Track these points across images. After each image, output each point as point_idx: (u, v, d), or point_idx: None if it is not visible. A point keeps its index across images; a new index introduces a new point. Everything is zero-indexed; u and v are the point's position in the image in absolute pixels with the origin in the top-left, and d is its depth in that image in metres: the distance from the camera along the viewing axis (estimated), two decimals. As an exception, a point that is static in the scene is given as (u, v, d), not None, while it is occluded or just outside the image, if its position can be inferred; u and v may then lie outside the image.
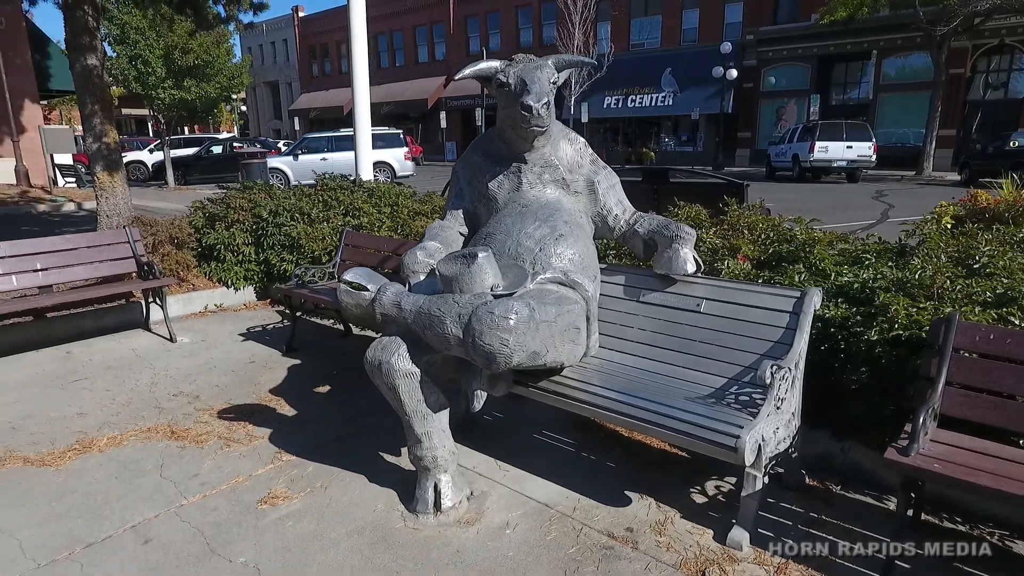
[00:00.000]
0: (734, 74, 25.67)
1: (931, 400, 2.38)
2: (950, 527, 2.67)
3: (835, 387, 3.06)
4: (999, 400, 2.40)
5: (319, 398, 4.13)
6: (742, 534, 2.55)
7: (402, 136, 21.28)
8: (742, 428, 2.40)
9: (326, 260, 5.65)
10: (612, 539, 2.62)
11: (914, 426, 2.24)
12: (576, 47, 27.42)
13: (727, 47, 25.87)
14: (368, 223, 6.09)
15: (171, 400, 4.09)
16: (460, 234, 3.42)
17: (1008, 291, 2.88)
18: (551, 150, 3.23)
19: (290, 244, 6.10)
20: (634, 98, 30.24)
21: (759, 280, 3.50)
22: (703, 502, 2.90)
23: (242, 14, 8.11)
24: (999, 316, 2.76)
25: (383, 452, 3.35)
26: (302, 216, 6.25)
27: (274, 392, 4.19)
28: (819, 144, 19.46)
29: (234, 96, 25.66)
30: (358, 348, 2.66)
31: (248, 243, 6.26)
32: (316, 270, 5.12)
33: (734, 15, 27.94)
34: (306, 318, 5.50)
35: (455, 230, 3.41)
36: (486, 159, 3.37)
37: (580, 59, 3.27)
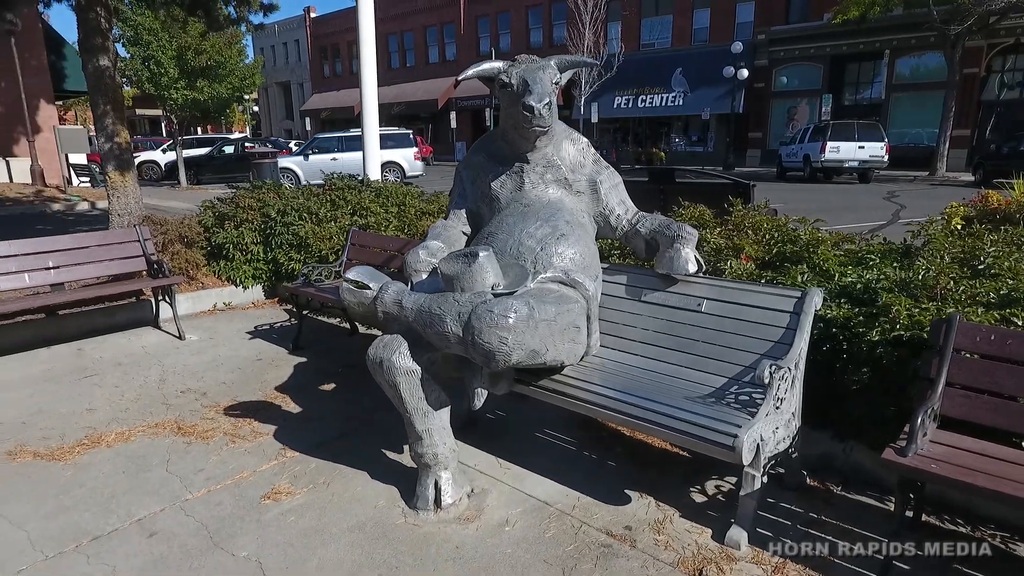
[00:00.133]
0: (745, 74, 25.53)
1: (930, 401, 2.37)
2: (951, 529, 2.65)
3: (837, 387, 3.05)
4: (1000, 401, 2.39)
5: (324, 396, 4.17)
6: (740, 533, 2.56)
7: (412, 136, 21.38)
8: (740, 427, 2.40)
9: (333, 259, 5.69)
10: (611, 537, 2.63)
11: (912, 426, 2.24)
12: (586, 47, 27.38)
13: (738, 47, 25.74)
14: (375, 223, 6.14)
15: (179, 397, 4.15)
16: (463, 233, 3.45)
17: (1012, 292, 2.86)
18: (553, 150, 3.25)
19: (298, 243, 6.16)
20: (644, 98, 30.15)
21: (762, 280, 3.50)
22: (703, 501, 2.90)
23: (252, 15, 8.20)
24: (1002, 317, 2.74)
25: (386, 449, 3.38)
26: (310, 215, 6.30)
27: (280, 389, 4.24)
28: (830, 144, 19.31)
29: (246, 97, 25.90)
30: (364, 346, 2.68)
31: (256, 242, 6.32)
32: (323, 269, 5.17)
33: (745, 15, 27.79)
34: (313, 316, 5.55)
35: (458, 229, 3.43)
36: (489, 159, 3.39)
37: (582, 59, 3.28)
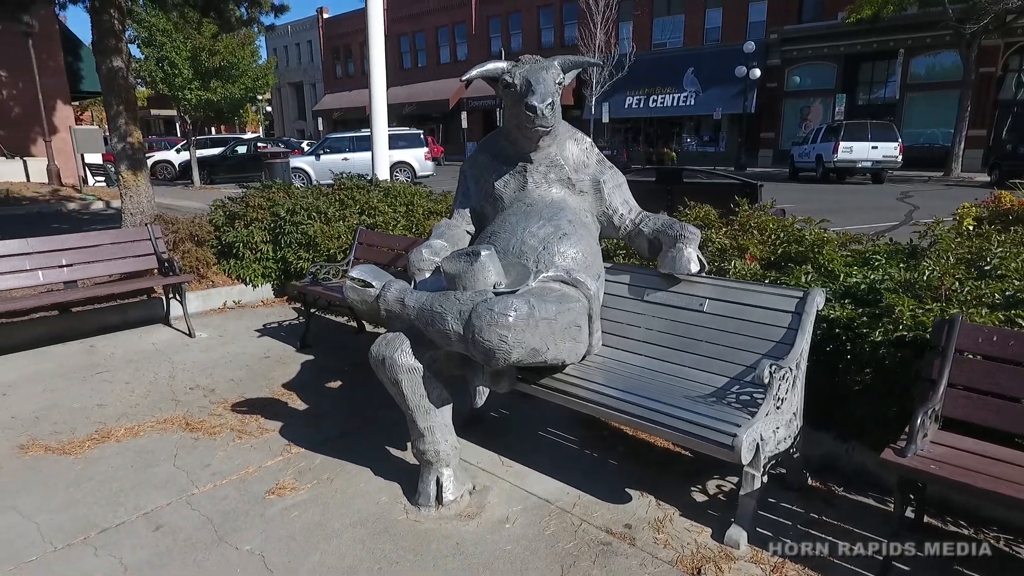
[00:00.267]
0: (757, 73, 25.40)
1: (932, 401, 2.36)
2: (954, 531, 2.64)
3: (840, 388, 3.04)
4: (1002, 403, 2.38)
5: (330, 393, 4.21)
6: (740, 533, 2.56)
7: (422, 136, 21.46)
8: (739, 427, 2.41)
9: (341, 258, 5.74)
10: (610, 535, 2.65)
11: (912, 427, 2.23)
12: (597, 47, 27.35)
13: (750, 46, 25.60)
14: (383, 222, 6.18)
15: (187, 393, 4.20)
16: (467, 232, 3.47)
17: (1018, 293, 2.84)
18: (557, 150, 3.27)
19: (307, 242, 6.21)
20: (655, 98, 30.07)
21: (766, 280, 3.49)
22: (703, 501, 2.91)
23: (263, 16, 8.28)
24: (1007, 318, 2.72)
25: (389, 446, 3.42)
26: (319, 215, 6.36)
27: (287, 387, 4.29)
28: (843, 144, 19.16)
29: (259, 97, 26.11)
30: (370, 345, 2.72)
31: (266, 241, 6.39)
32: (330, 268, 5.21)
33: (758, 14, 27.62)
34: (320, 315, 5.59)
35: (462, 229, 3.46)
36: (493, 159, 3.42)
37: (586, 59, 3.30)
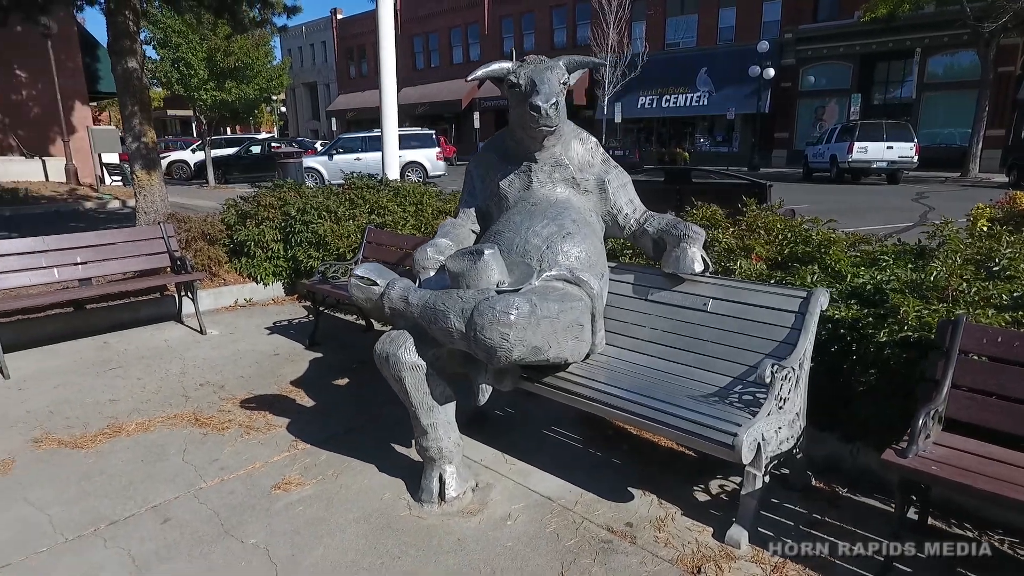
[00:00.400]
0: (771, 73, 25.21)
1: (935, 402, 2.35)
2: (959, 533, 2.62)
3: (845, 389, 3.03)
4: (1007, 404, 2.36)
5: (337, 390, 4.25)
6: (741, 532, 2.56)
7: (434, 136, 21.54)
8: (740, 426, 2.41)
9: (351, 257, 5.79)
10: (611, 533, 2.66)
11: (913, 427, 2.22)
12: (610, 47, 27.30)
13: (764, 46, 25.42)
14: (392, 221, 6.22)
15: (197, 389, 4.26)
16: (472, 231, 3.50)
17: (1025, 294, 2.82)
18: (562, 149, 3.28)
19: (317, 241, 6.27)
20: (668, 98, 29.95)
21: (771, 280, 3.48)
22: (706, 500, 2.91)
23: (276, 17, 8.36)
24: (1014, 319, 2.70)
25: (394, 443, 3.45)
26: (329, 214, 6.41)
27: (295, 384, 4.33)
28: (858, 144, 18.97)
29: (274, 97, 26.31)
30: (377, 343, 2.80)
31: (277, 240, 6.45)
32: (339, 266, 5.26)
33: (772, 13, 27.43)
34: (329, 313, 5.64)
35: (467, 227, 3.48)
36: (498, 158, 3.44)
37: (591, 60, 3.30)
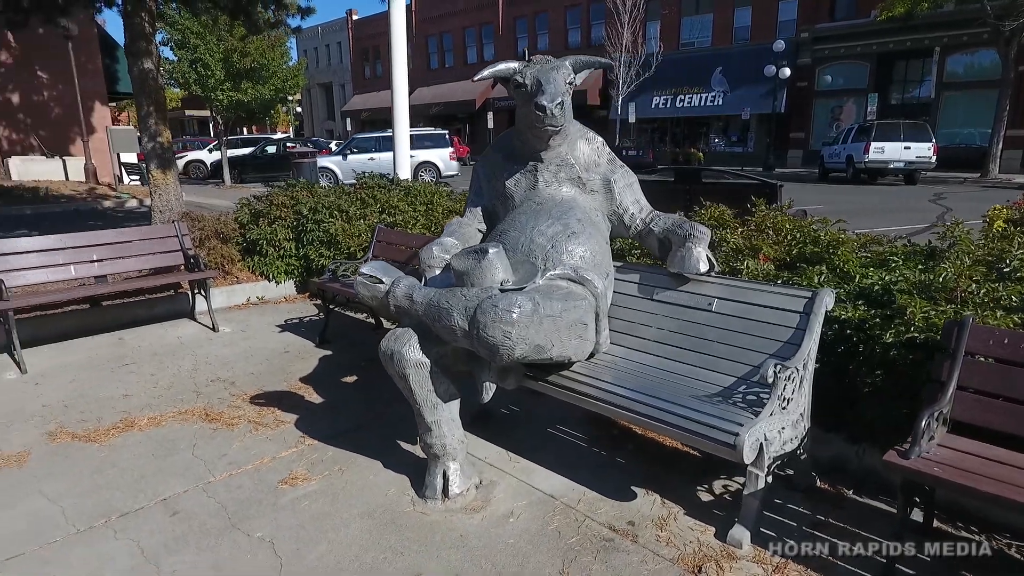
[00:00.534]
0: (787, 73, 24.99)
1: (939, 403, 2.34)
2: (965, 536, 2.60)
3: (851, 390, 3.01)
4: (1014, 406, 2.33)
5: (346, 388, 4.29)
6: (743, 532, 2.55)
7: (448, 137, 21.61)
8: (742, 426, 2.41)
9: (361, 256, 5.83)
10: (613, 531, 2.66)
11: (916, 429, 2.21)
12: (624, 47, 27.24)
13: (780, 45, 25.20)
14: (403, 221, 6.26)
15: (209, 385, 4.33)
16: (478, 231, 3.52)
17: (1035, 295, 2.78)
18: (568, 149, 3.29)
19: (328, 240, 6.32)
20: (683, 98, 29.81)
21: (778, 281, 3.47)
22: (709, 500, 2.90)
23: (289, 18, 8.45)
24: (1023, 321, 2.67)
25: (400, 440, 3.48)
26: (340, 213, 6.46)
27: (304, 381, 4.38)
28: (875, 145, 18.75)
29: (290, 98, 26.54)
30: (386, 341, 2.84)
31: (289, 239, 6.52)
32: (349, 265, 5.30)
33: (788, 13, 27.20)
34: (340, 311, 5.69)
35: (473, 227, 3.50)
36: (505, 158, 3.46)
37: (597, 60, 3.31)
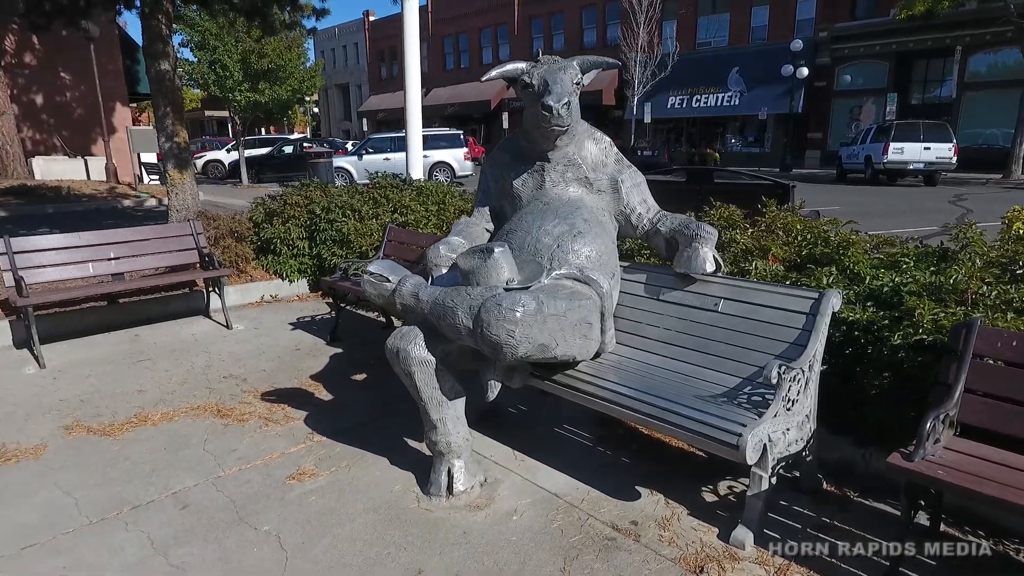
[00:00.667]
0: (805, 72, 24.73)
1: (945, 406, 2.31)
2: (971, 540, 2.57)
3: (858, 392, 2.99)
4: (1021, 410, 2.31)
5: (355, 385, 4.34)
6: (746, 533, 2.55)
7: (462, 137, 21.68)
8: (745, 427, 2.40)
9: (373, 255, 5.88)
10: (615, 531, 2.67)
11: (920, 431, 2.19)
12: (640, 47, 27.13)
13: (798, 45, 24.95)
14: (414, 220, 6.30)
15: (221, 382, 4.39)
16: (486, 230, 3.54)
17: (1048, 298, 2.74)
18: (575, 149, 3.30)
19: (340, 239, 6.38)
20: (699, 98, 29.60)
21: (787, 282, 3.45)
22: (713, 501, 2.90)
23: (304, 20, 8.54)
24: (1034, 323, 2.64)
25: (407, 437, 3.51)
26: (353, 213, 6.52)
27: (314, 378, 4.43)
28: (894, 145, 18.52)
29: (307, 98, 26.80)
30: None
31: (302, 238, 6.59)
32: (360, 264, 5.35)
33: (806, 12, 26.91)
34: (351, 309, 5.75)
35: (481, 226, 3.52)
36: (513, 158, 3.47)
37: (605, 60, 3.31)
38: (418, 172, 7.81)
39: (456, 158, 20.36)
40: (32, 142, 16.97)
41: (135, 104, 24.43)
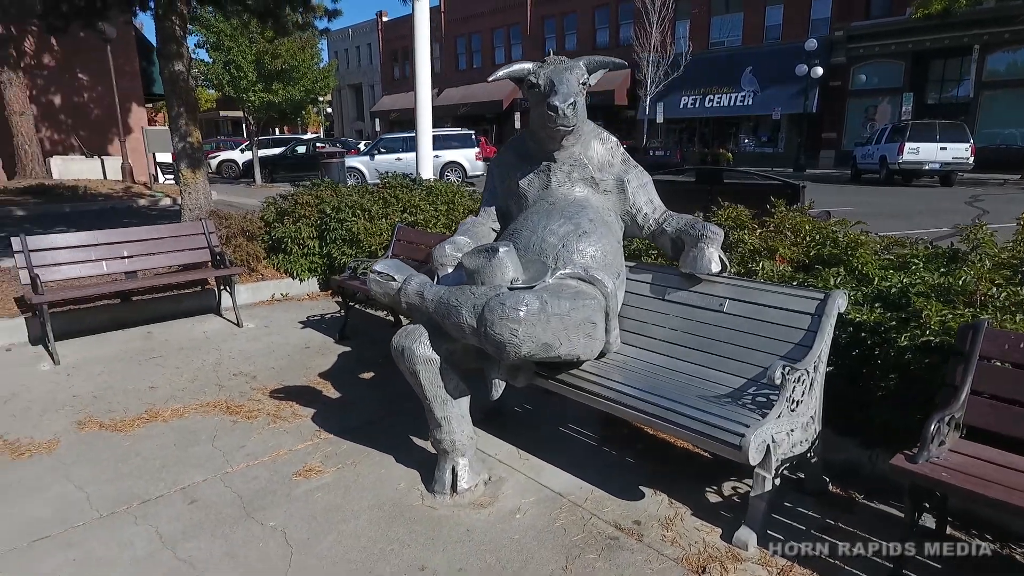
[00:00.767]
0: (819, 72, 24.51)
1: (951, 408, 2.30)
2: (977, 542, 2.55)
3: (865, 393, 2.97)
4: (1029, 412, 2.29)
5: (363, 383, 4.37)
6: (749, 534, 2.54)
7: (474, 137, 21.72)
8: (748, 427, 2.40)
9: (382, 254, 5.92)
10: (618, 530, 2.67)
11: (924, 433, 2.17)
12: (653, 46, 27.04)
13: (812, 44, 24.74)
14: (424, 220, 6.33)
15: (231, 379, 4.44)
16: (492, 230, 3.56)
17: (1059, 300, 2.71)
18: (581, 149, 3.30)
19: (350, 239, 6.43)
20: (712, 98, 29.45)
21: (794, 283, 3.43)
22: (717, 502, 2.89)
23: (317, 20, 8.61)
24: (1044, 325, 2.61)
25: (413, 436, 3.53)
26: (363, 212, 6.57)
27: (322, 376, 4.47)
28: (909, 145, 18.31)
29: (320, 99, 27.00)
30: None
31: (313, 237, 6.65)
32: (369, 263, 5.38)
33: (821, 11, 26.67)
34: (359, 308, 5.79)
35: (487, 226, 3.54)
36: (519, 158, 3.48)
37: (611, 60, 3.31)
38: (428, 172, 7.84)
39: (468, 158, 20.40)
40: (50, 142, 17.22)
41: (151, 104, 24.74)
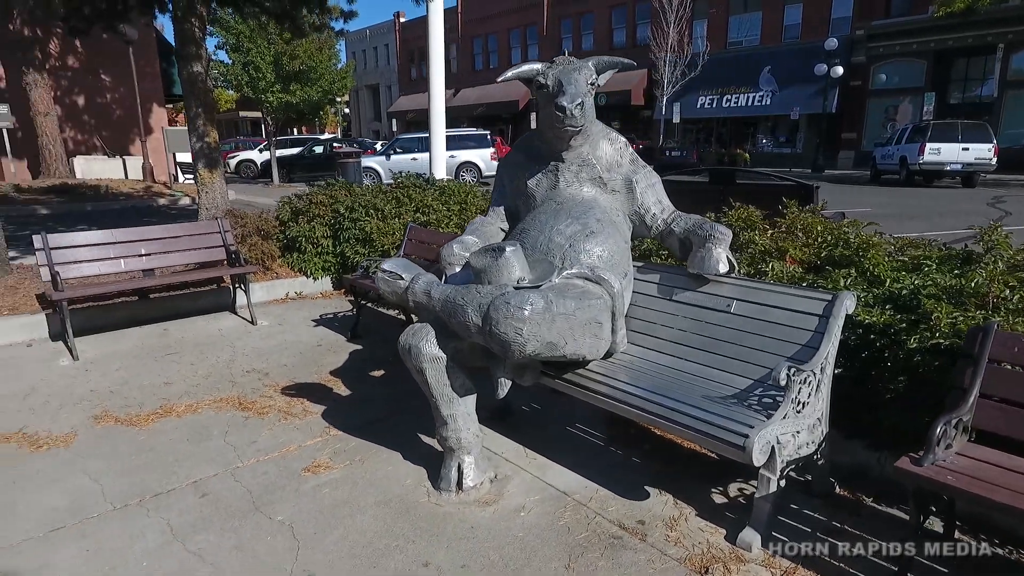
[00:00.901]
0: (839, 71, 24.19)
1: (958, 411, 2.27)
2: (987, 548, 2.52)
3: (874, 395, 2.95)
4: (1038, 416, 2.26)
5: (373, 381, 4.41)
6: (753, 535, 2.53)
7: (489, 137, 21.78)
8: (752, 428, 2.39)
9: (394, 253, 5.96)
10: (622, 530, 2.68)
11: (930, 436, 2.15)
12: (670, 46, 26.91)
13: (832, 43, 24.42)
14: (436, 219, 6.37)
15: (244, 376, 4.51)
16: (500, 230, 3.57)
17: (1073, 302, 2.67)
18: (589, 149, 3.31)
19: (364, 238, 6.48)
20: (729, 98, 29.20)
21: (804, 284, 3.41)
22: (722, 503, 2.89)
23: (333, 22, 8.69)
24: (1057, 329, 2.57)
25: (421, 433, 3.56)
26: (376, 212, 6.62)
27: (333, 373, 4.52)
28: (930, 146, 18.03)
29: (338, 99, 27.20)
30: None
31: (327, 236, 6.71)
32: (380, 262, 5.42)
33: (841, 10, 26.34)
34: (371, 307, 5.84)
35: (495, 226, 3.56)
36: (528, 158, 3.50)
37: (620, 60, 3.31)
38: (441, 172, 7.89)
39: (483, 158, 20.46)
40: (73, 142, 17.57)
41: (171, 105, 25.08)
